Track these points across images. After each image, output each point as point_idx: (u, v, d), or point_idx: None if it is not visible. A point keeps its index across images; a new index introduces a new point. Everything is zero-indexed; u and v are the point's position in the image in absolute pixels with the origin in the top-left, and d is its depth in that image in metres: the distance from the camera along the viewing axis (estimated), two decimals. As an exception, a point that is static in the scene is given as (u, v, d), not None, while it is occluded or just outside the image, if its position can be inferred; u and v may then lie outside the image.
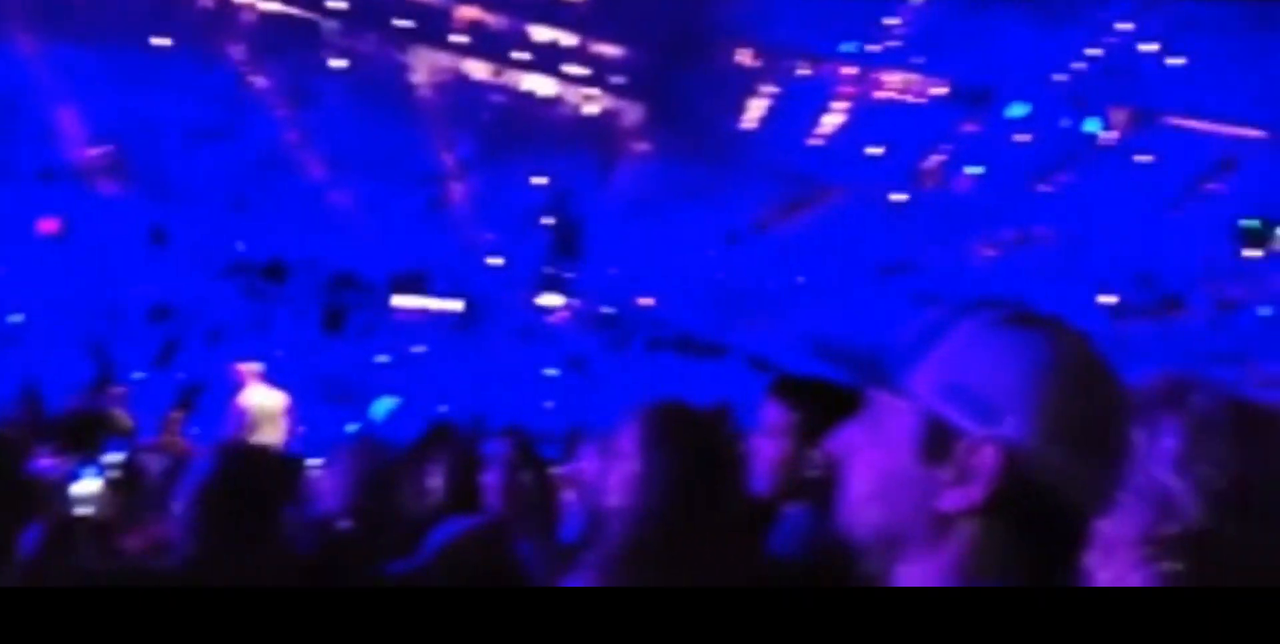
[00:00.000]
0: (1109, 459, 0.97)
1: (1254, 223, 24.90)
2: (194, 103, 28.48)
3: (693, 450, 2.02)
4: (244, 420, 7.81)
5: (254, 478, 2.40)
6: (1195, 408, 1.37)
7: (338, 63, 33.93)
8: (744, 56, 35.78)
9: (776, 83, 35.11)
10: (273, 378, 8.51)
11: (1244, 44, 26.86)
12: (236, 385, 8.10)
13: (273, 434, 7.70)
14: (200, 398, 11.14)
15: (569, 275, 29.38)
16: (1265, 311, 22.82)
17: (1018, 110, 30.66)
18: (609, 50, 36.56)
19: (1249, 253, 24.69)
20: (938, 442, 0.95)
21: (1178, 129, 28.42)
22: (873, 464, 0.99)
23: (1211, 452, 1.35)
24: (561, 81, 36.61)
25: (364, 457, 3.11)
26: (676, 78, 33.36)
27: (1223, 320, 22.90)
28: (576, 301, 28.25)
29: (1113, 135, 29.84)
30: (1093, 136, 29.81)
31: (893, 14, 33.21)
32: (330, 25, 34.78)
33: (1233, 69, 26.89)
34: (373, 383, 17.51)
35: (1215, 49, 27.49)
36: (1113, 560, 1.34)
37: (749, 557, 2.07)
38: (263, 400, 8.04)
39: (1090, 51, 29.95)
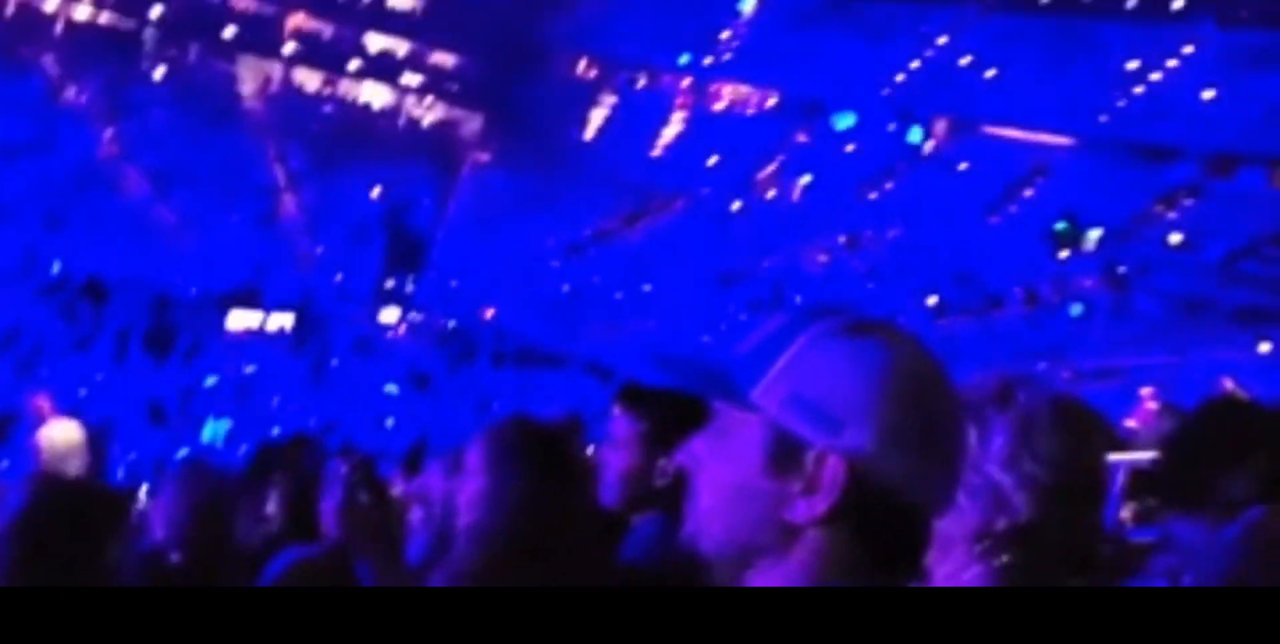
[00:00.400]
0: (947, 461, 0.99)
1: (1065, 225, 26.35)
2: (1, 115, 26.84)
3: (541, 466, 2.00)
4: (40, 459, 7.26)
5: (73, 511, 2.26)
6: (1020, 407, 1.43)
7: (159, 73, 32.53)
8: (582, 67, 35.97)
9: (615, 93, 35.42)
10: (95, 403, 8.02)
11: (1051, 56, 28.49)
12: (35, 421, 7.54)
13: (74, 470, 7.18)
14: (11, 428, 10.44)
15: (409, 288, 28.88)
16: (1076, 310, 24.22)
17: (845, 121, 31.69)
18: (446, 59, 36.18)
19: (1061, 254, 26.12)
20: (785, 453, 0.96)
21: (994, 138, 29.91)
22: (720, 476, 0.99)
23: (1036, 448, 1.41)
24: (398, 91, 36.03)
25: (194, 483, 2.97)
26: (515, 87, 33.26)
27: (1037, 319, 24.21)
28: (418, 315, 27.78)
29: (934, 144, 31.19)
30: (916, 146, 31.07)
31: (726, 27, 33.95)
32: (151, 34, 33.31)
33: (1043, 80, 28.47)
34: (202, 406, 16.86)
35: (1026, 61, 29.07)
36: (949, 557, 1.38)
37: (600, 569, 2.06)
38: (56, 434, 7.46)
39: (912, 64, 31.25)
